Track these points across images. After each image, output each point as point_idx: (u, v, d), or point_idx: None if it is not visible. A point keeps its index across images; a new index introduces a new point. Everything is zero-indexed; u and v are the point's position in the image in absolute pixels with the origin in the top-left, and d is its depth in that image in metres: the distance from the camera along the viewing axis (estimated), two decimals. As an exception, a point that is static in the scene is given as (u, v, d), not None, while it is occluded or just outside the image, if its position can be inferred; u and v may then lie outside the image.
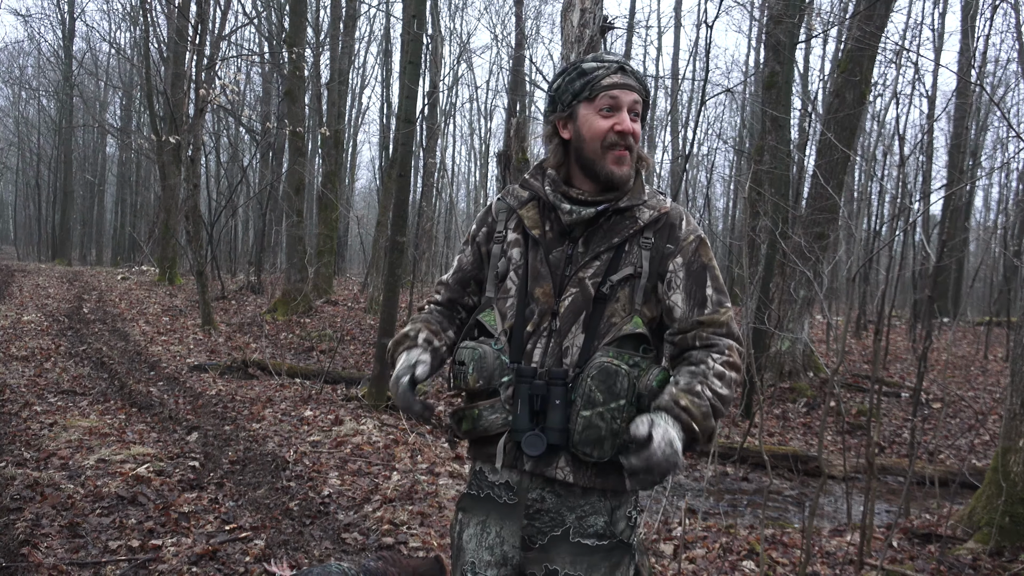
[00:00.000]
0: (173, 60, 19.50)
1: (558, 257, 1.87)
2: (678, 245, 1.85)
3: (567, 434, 1.77)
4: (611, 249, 1.84)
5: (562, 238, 1.89)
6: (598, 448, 1.74)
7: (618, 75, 1.84)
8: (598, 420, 1.73)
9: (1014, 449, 4.71)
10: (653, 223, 1.86)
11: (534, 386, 1.78)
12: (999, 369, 12.69)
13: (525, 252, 1.92)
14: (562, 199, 1.88)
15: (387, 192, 16.51)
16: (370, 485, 5.20)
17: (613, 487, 1.82)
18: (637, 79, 1.86)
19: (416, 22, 8.65)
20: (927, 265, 13.23)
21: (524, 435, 1.78)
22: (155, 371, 9.06)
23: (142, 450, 5.50)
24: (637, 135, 1.85)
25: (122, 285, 19.10)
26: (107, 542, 3.91)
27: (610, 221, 1.86)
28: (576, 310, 1.82)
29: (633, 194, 1.87)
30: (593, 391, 1.74)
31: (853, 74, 10.15)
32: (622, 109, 1.83)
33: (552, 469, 1.81)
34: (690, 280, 1.83)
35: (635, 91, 1.85)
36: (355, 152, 30.29)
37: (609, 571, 1.83)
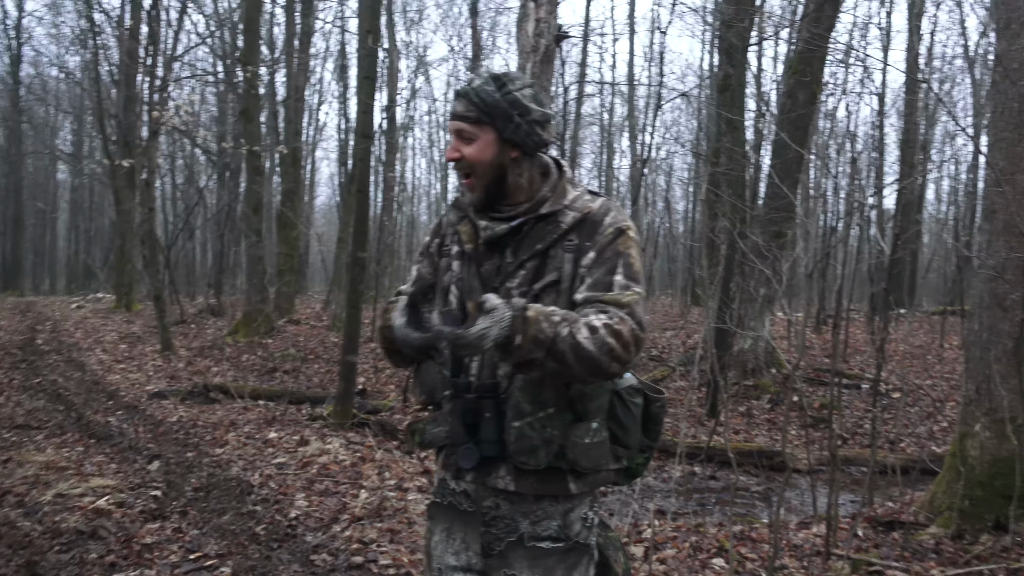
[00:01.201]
0: (125, 83, 19.23)
1: (489, 269, 1.90)
2: (594, 240, 1.83)
3: (503, 445, 1.80)
4: (535, 256, 1.85)
5: (493, 251, 1.91)
6: (533, 457, 1.77)
7: (452, 103, 1.89)
8: (528, 430, 1.77)
9: (971, 434, 4.80)
10: (577, 225, 1.85)
11: (466, 400, 1.82)
12: (954, 357, 12.93)
13: (463, 266, 1.95)
14: (483, 216, 1.90)
15: (347, 208, 16.41)
16: (338, 504, 5.14)
17: (556, 492, 1.84)
18: (468, 99, 1.84)
19: (371, 37, 8.62)
20: (882, 259, 13.48)
21: (459, 448, 1.83)
22: (114, 400, 8.89)
23: (102, 482, 5.37)
24: (469, 157, 1.84)
25: (77, 314, 18.74)
26: (67, 578, 3.82)
27: (535, 229, 1.87)
28: None
29: (555, 200, 1.88)
30: (520, 402, 1.77)
31: (804, 75, 10.33)
32: (453, 137, 1.87)
33: (494, 479, 1.85)
34: (600, 268, 1.80)
35: (457, 117, 1.85)
36: (314, 169, 30.10)
37: (565, 573, 1.85)
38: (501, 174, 1.87)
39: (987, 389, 4.76)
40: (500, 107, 1.84)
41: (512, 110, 1.84)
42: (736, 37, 11.45)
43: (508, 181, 1.89)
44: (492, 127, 1.85)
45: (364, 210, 8.74)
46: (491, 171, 1.86)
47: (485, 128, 1.85)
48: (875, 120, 20.80)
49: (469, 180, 1.87)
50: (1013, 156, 4.85)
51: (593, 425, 1.81)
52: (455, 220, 1.99)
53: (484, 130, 1.85)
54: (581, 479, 1.85)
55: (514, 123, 1.85)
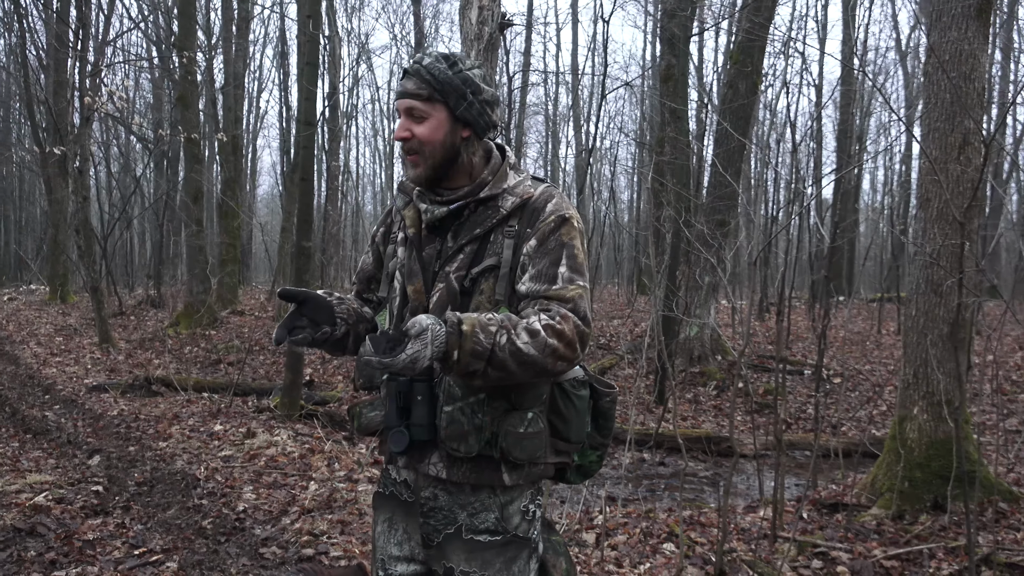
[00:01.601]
0: (54, 67, 18.54)
1: (430, 253, 1.89)
2: (535, 227, 1.80)
3: (434, 429, 1.78)
4: (474, 241, 1.83)
5: (434, 235, 1.90)
6: (463, 443, 1.75)
7: (400, 82, 1.85)
8: (459, 415, 1.74)
9: (909, 417, 4.96)
10: (518, 210, 1.84)
11: (399, 383, 1.79)
12: (892, 342, 13.35)
13: (406, 251, 1.94)
14: (425, 200, 1.89)
15: (291, 197, 16.16)
16: (287, 497, 5.07)
17: (490, 482, 1.82)
18: (420, 77, 1.80)
19: (312, 22, 8.47)
20: (822, 247, 13.81)
21: (391, 432, 1.80)
22: (50, 394, 8.61)
23: (39, 478, 5.21)
24: (420, 137, 1.81)
25: (9, 306, 18.09)
26: (5, 578, 3.69)
27: (475, 213, 1.86)
28: (443, 305, 1.81)
29: (495, 184, 1.86)
30: (452, 386, 1.75)
31: (745, 65, 10.49)
32: (401, 116, 1.84)
33: (425, 465, 1.83)
34: (543, 259, 1.78)
35: (408, 95, 1.81)
36: (255, 158, 29.52)
37: (504, 566, 1.83)
38: (452, 154, 1.85)
39: (924, 373, 4.92)
40: (453, 84, 1.81)
41: (465, 88, 1.82)
42: (678, 27, 11.56)
43: (458, 161, 1.86)
44: (444, 105, 1.82)
45: (308, 199, 8.59)
46: (441, 151, 1.83)
47: (437, 106, 1.81)
48: (812, 111, 21.26)
49: (413, 157, 1.83)
50: (946, 146, 5.00)
51: (528, 415, 1.77)
52: (401, 205, 1.97)
53: (436, 108, 1.81)
54: (516, 471, 1.81)
55: (467, 101, 1.82)
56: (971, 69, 5.03)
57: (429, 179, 1.85)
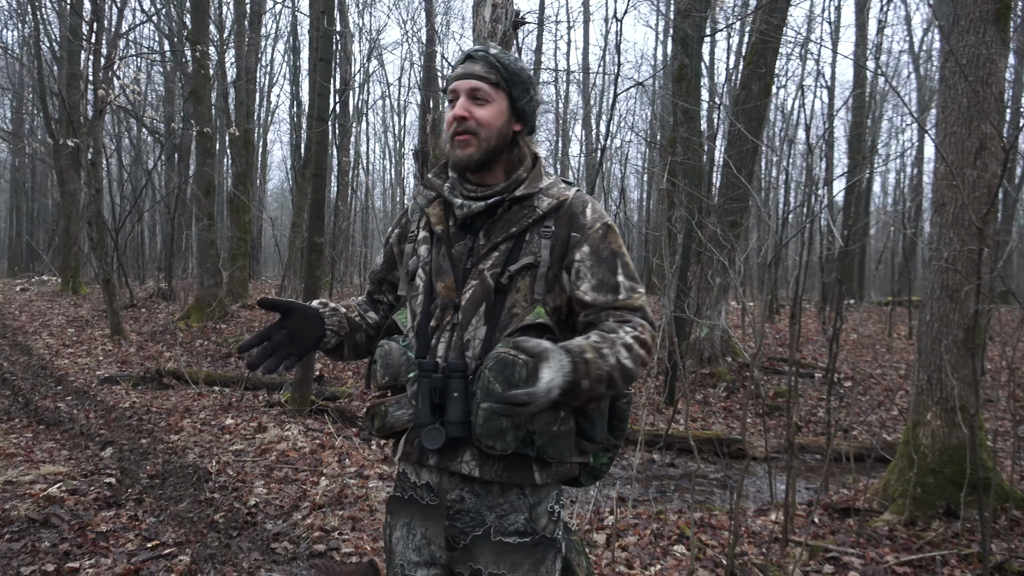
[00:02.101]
0: (68, 59, 18.62)
1: (460, 251, 1.88)
2: (584, 233, 1.83)
3: (469, 427, 1.76)
4: (510, 239, 1.84)
5: (464, 232, 1.89)
6: (500, 440, 1.73)
7: (462, 65, 1.86)
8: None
9: (923, 423, 4.94)
10: (553, 211, 1.85)
11: (434, 379, 1.78)
12: (903, 346, 13.30)
13: (432, 248, 1.92)
14: (457, 195, 1.89)
15: (301, 192, 16.18)
16: (298, 492, 5.09)
17: (521, 481, 1.81)
18: (487, 62, 1.83)
19: (326, 17, 8.48)
20: (832, 250, 13.76)
21: (424, 429, 1.78)
22: (62, 386, 8.65)
23: (53, 469, 5.24)
24: (480, 120, 1.83)
25: (22, 296, 18.18)
26: (19, 568, 3.71)
27: (510, 211, 1.86)
28: (476, 302, 1.81)
29: (530, 182, 1.87)
30: (491, 382, 1.72)
31: (759, 66, 10.45)
32: (460, 97, 1.84)
33: (457, 463, 1.81)
34: (600, 268, 1.81)
35: (476, 77, 1.83)
36: (266, 152, 29.58)
37: (532, 568, 1.83)
38: (503, 144, 1.87)
39: (938, 379, 4.90)
40: (521, 76, 1.86)
41: (529, 82, 1.87)
42: (691, 27, 11.52)
43: (503, 154, 1.88)
44: (508, 95, 1.85)
45: (320, 195, 8.60)
46: (496, 138, 1.85)
47: (501, 93, 1.85)
48: (825, 113, 21.18)
49: (466, 137, 1.83)
50: (962, 150, 4.98)
51: (560, 413, 1.77)
52: (424, 203, 1.96)
53: (500, 95, 1.85)
54: (546, 469, 1.82)
55: (528, 96, 1.87)
56: (989, 73, 5.01)
57: (479, 163, 1.85)
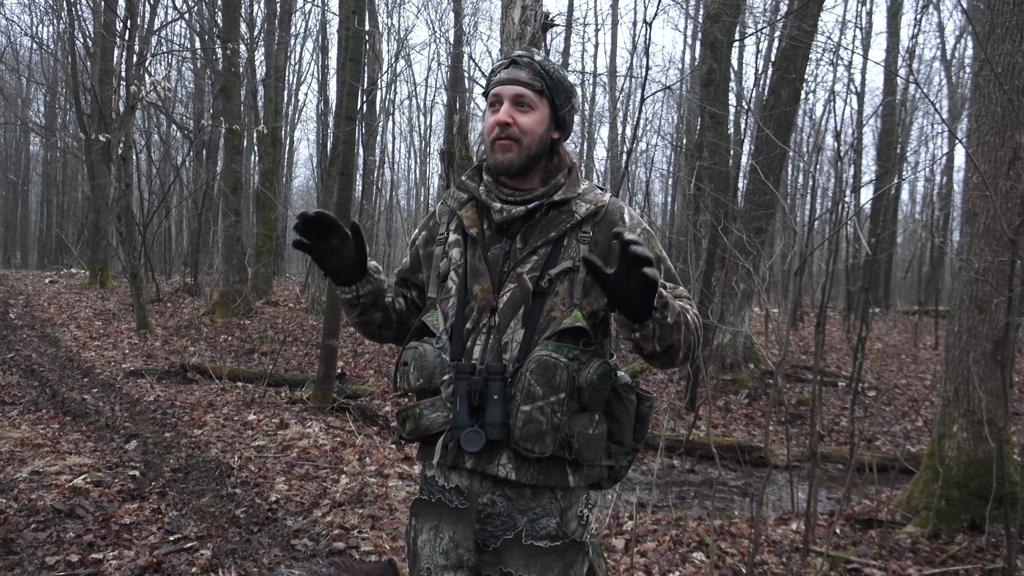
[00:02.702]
0: (101, 56, 18.86)
1: (496, 254, 1.87)
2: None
3: (508, 429, 1.76)
4: (548, 243, 1.84)
5: (500, 235, 1.89)
6: (539, 443, 1.74)
7: (506, 70, 1.85)
8: (538, 414, 1.73)
9: (948, 435, 4.87)
10: (591, 216, 1.86)
11: (472, 382, 1.78)
12: (929, 357, 13.14)
13: (465, 251, 1.92)
14: (494, 199, 1.88)
15: (327, 190, 16.27)
16: (318, 489, 5.12)
17: (556, 484, 1.81)
18: (533, 69, 1.83)
19: (356, 18, 8.52)
20: (859, 258, 13.62)
21: (463, 432, 1.78)
22: (89, 378, 8.77)
23: (78, 460, 5.31)
24: (524, 127, 1.83)
25: (50, 289, 18.44)
26: (44, 558, 3.76)
27: (547, 216, 1.86)
28: (515, 305, 1.82)
29: (568, 188, 1.87)
30: (532, 385, 1.73)
31: (788, 72, 10.37)
32: (503, 103, 1.84)
33: (494, 467, 1.80)
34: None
35: (521, 83, 1.83)
36: (292, 150, 29.77)
37: (563, 571, 1.84)
38: (542, 151, 1.88)
39: (965, 391, 4.83)
40: (565, 85, 1.87)
41: (571, 91, 1.88)
42: (721, 31, 11.46)
43: (542, 161, 1.89)
44: (550, 102, 1.86)
45: (347, 193, 8.64)
46: (537, 145, 1.86)
47: (544, 101, 1.86)
48: (854, 119, 20.97)
49: (508, 142, 1.83)
50: (995, 160, 4.90)
51: (596, 416, 1.79)
52: (456, 205, 1.96)
53: (543, 103, 1.86)
54: (579, 472, 1.83)
55: (570, 104, 1.88)
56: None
57: (519, 168, 1.86)
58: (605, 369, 1.79)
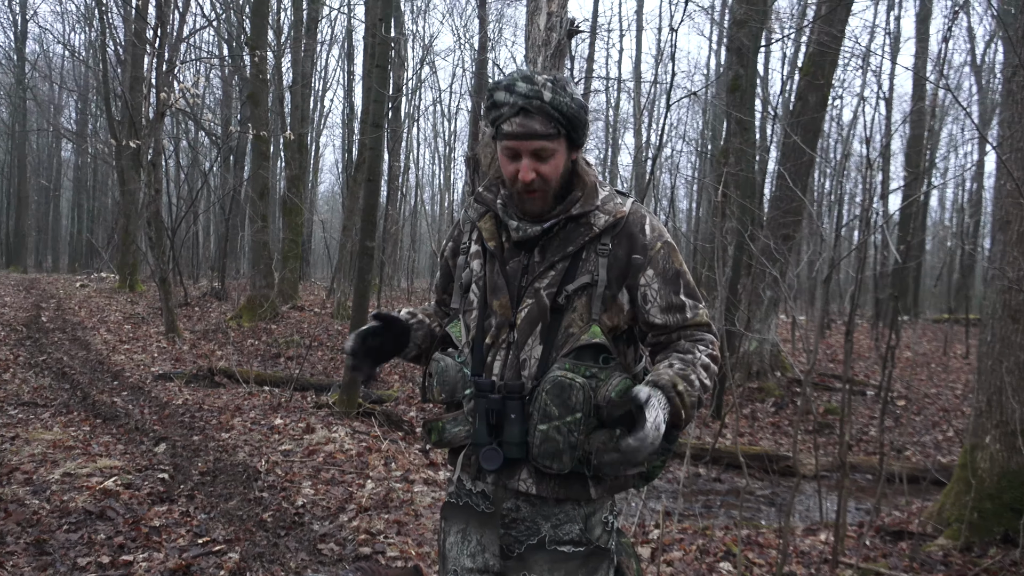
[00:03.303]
0: (131, 63, 19.14)
1: (515, 268, 1.86)
2: (646, 255, 1.82)
3: (526, 447, 1.78)
4: (566, 258, 1.82)
5: (518, 248, 1.87)
6: (557, 461, 1.75)
7: (519, 118, 1.75)
8: (555, 433, 1.74)
9: (981, 446, 4.80)
10: (610, 228, 1.83)
11: (490, 400, 1.80)
12: (959, 366, 12.95)
13: (484, 263, 1.92)
14: (512, 215, 1.86)
15: (352, 196, 16.38)
16: (344, 494, 5.14)
17: (577, 496, 1.82)
18: (546, 115, 1.73)
19: (383, 25, 8.58)
20: (888, 266, 13.46)
21: (482, 449, 1.80)
22: (119, 381, 8.88)
23: (109, 463, 5.37)
24: (546, 176, 1.79)
25: (81, 292, 18.71)
26: (76, 559, 3.81)
27: (565, 229, 1.84)
28: (532, 321, 1.81)
29: (586, 200, 1.84)
30: (548, 405, 1.75)
31: (816, 77, 10.30)
32: (522, 158, 1.78)
33: (515, 481, 1.83)
34: (667, 289, 1.83)
35: (538, 137, 1.74)
36: (318, 155, 30.01)
37: None
38: (568, 179, 1.86)
39: (999, 401, 4.76)
40: (579, 118, 1.79)
41: (584, 116, 1.81)
42: (747, 37, 11.40)
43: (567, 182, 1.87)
44: (567, 138, 1.81)
45: (373, 199, 8.69)
46: (560, 181, 1.83)
47: (561, 141, 1.80)
48: (882, 125, 20.76)
49: (535, 194, 1.81)
50: (1030, 167, 4.84)
51: (616, 433, 1.78)
52: (475, 216, 1.95)
53: (560, 143, 1.80)
54: (601, 484, 1.84)
55: (586, 129, 1.83)
56: (1059, 89, 4.86)
57: (550, 208, 1.84)
58: (625, 385, 1.78)
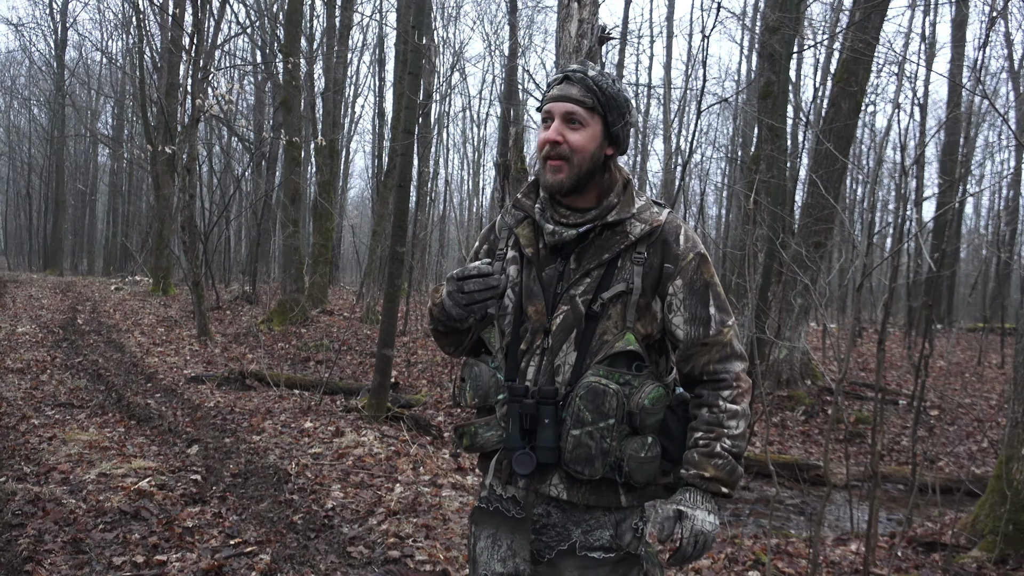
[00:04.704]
0: (167, 70, 19.48)
1: (551, 275, 1.87)
2: (677, 265, 1.81)
3: (559, 452, 1.79)
4: (602, 266, 1.82)
5: (554, 255, 1.88)
6: (588, 467, 1.77)
7: (559, 86, 1.82)
8: (587, 439, 1.75)
9: (1017, 457, 4.73)
10: (646, 237, 1.83)
11: (524, 405, 1.80)
12: (994, 375, 12.74)
13: (521, 270, 1.92)
14: (548, 219, 1.87)
15: (382, 201, 16.50)
16: (373, 497, 5.18)
17: (608, 504, 1.83)
18: (585, 85, 1.79)
19: (416, 32, 8.65)
20: (921, 274, 13.29)
21: (515, 454, 1.81)
22: (152, 383, 9.02)
23: (143, 463, 5.46)
24: (574, 144, 1.79)
25: (116, 295, 19.02)
26: (111, 558, 3.88)
27: (601, 237, 1.84)
28: (567, 328, 1.82)
29: (622, 207, 1.84)
30: (582, 411, 1.76)
31: (849, 84, 10.20)
32: (554, 120, 1.81)
33: (546, 486, 1.83)
34: (693, 300, 1.82)
35: (572, 100, 1.79)
36: (348, 161, 30.27)
37: None
38: (595, 168, 1.84)
39: (1035, 412, 4.68)
40: (618, 100, 1.83)
41: (626, 106, 1.84)
42: (780, 43, 11.33)
43: (595, 178, 1.86)
44: (603, 119, 1.83)
45: (404, 205, 8.75)
46: (588, 163, 1.82)
47: (596, 118, 1.82)
48: (916, 132, 20.50)
49: (559, 163, 1.81)
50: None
51: (648, 440, 1.80)
52: (512, 223, 1.96)
53: (595, 120, 1.82)
54: (632, 492, 1.84)
55: (624, 120, 1.84)
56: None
57: (570, 188, 1.83)
58: (658, 394, 1.79)
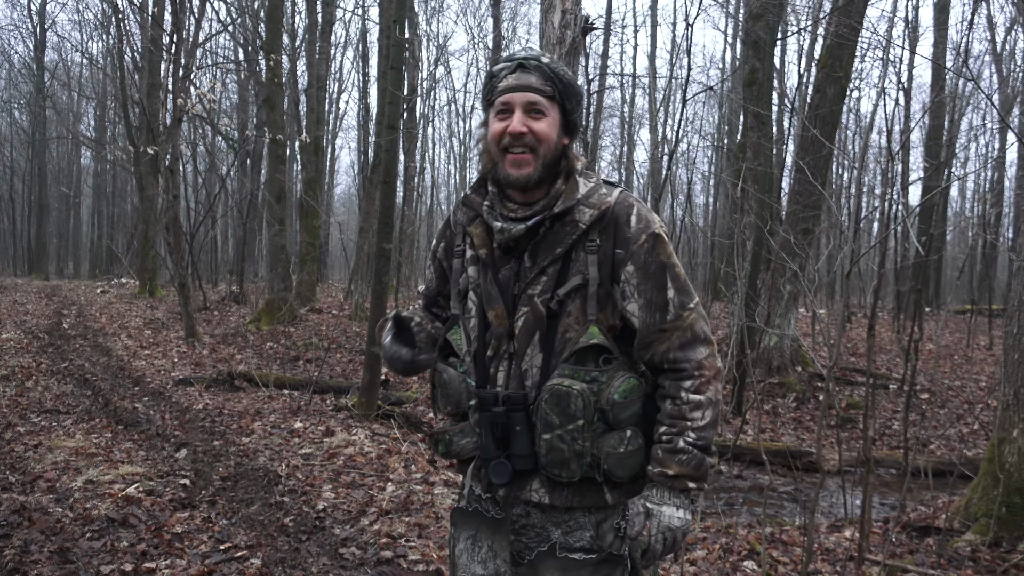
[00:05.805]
0: (148, 69, 19.29)
1: (507, 275, 1.81)
2: (628, 249, 1.74)
3: (535, 458, 1.76)
4: (556, 261, 1.76)
5: (509, 254, 1.82)
6: (565, 469, 1.73)
7: (515, 75, 1.76)
8: (559, 442, 1.72)
9: (1009, 439, 4.72)
10: (596, 222, 1.75)
11: (494, 414, 1.77)
12: (983, 358, 12.80)
13: (479, 271, 1.87)
14: (497, 216, 1.81)
15: (369, 197, 16.41)
16: (365, 497, 5.14)
17: (593, 504, 1.80)
18: (543, 73, 1.74)
19: (398, 27, 8.58)
20: (909, 258, 13.33)
21: (491, 463, 1.78)
22: (140, 386, 8.94)
23: (131, 469, 5.40)
24: (539, 134, 1.74)
25: (102, 299, 18.87)
26: (99, 567, 3.82)
27: (552, 230, 1.77)
28: (530, 330, 1.77)
29: (567, 196, 1.77)
30: (549, 415, 1.72)
31: (834, 69, 10.18)
32: (515, 111, 1.75)
33: (527, 492, 1.80)
34: (648, 284, 1.75)
35: (532, 90, 1.74)
36: (334, 158, 30.13)
37: None
38: (557, 157, 1.79)
39: (1026, 394, 4.68)
40: (574, 88, 1.79)
41: (580, 93, 1.80)
42: (764, 30, 11.31)
43: (557, 167, 1.80)
44: (561, 107, 1.79)
45: (390, 201, 8.68)
46: (552, 152, 1.77)
47: (555, 106, 1.78)
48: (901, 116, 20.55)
49: (525, 155, 1.74)
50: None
51: (627, 433, 1.75)
52: (464, 221, 1.89)
53: (554, 108, 1.77)
54: (617, 488, 1.80)
55: (580, 106, 1.81)
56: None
57: (537, 180, 1.76)
58: (628, 385, 1.74)
